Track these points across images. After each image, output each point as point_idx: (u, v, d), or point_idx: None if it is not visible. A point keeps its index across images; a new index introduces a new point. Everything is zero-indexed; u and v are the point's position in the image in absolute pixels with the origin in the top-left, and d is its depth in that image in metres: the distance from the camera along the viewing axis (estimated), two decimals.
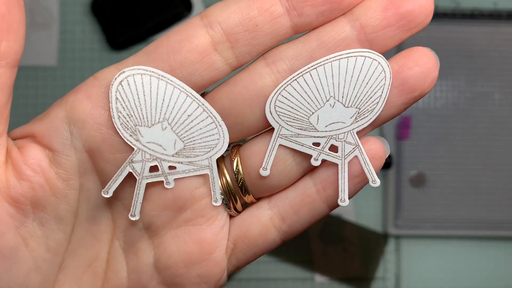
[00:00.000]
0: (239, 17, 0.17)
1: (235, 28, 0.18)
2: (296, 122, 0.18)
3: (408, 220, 0.60)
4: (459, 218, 0.60)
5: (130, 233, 0.20)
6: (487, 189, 0.61)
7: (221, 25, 0.18)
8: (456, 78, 0.61)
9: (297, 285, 0.61)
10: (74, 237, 0.20)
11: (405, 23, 0.18)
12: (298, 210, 0.19)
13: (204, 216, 0.19)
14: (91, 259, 0.20)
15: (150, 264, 0.19)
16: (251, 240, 0.20)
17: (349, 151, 0.19)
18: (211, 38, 0.18)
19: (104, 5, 0.59)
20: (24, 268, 0.19)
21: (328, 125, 0.18)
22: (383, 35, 0.18)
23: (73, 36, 0.61)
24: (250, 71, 0.18)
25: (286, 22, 0.18)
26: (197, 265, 0.19)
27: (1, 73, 0.18)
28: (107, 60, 0.61)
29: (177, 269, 0.19)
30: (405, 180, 0.60)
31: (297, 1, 0.17)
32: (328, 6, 0.17)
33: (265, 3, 0.17)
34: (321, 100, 0.18)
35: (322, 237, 0.61)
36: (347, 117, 0.18)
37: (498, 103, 0.61)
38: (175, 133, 0.19)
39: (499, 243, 0.62)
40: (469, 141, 0.61)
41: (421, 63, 0.19)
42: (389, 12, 0.18)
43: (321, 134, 0.18)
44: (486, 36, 0.61)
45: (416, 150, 0.60)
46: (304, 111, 0.18)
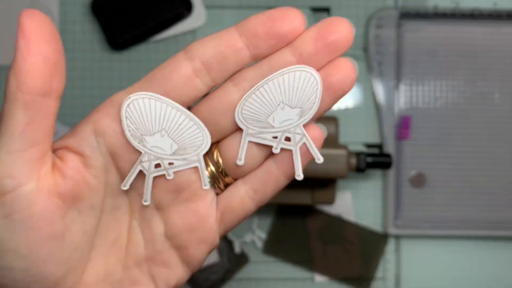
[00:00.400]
0: (212, 51, 0.24)
1: (210, 59, 0.25)
2: (258, 123, 0.25)
3: (408, 220, 0.60)
4: (459, 218, 0.60)
5: (144, 213, 0.27)
6: (487, 189, 0.61)
7: (199, 58, 0.25)
8: (455, 78, 0.61)
9: (297, 285, 0.61)
10: (101, 222, 0.26)
11: (331, 50, 0.24)
12: (265, 183, 0.26)
13: (197, 195, 0.26)
14: (114, 238, 0.27)
15: (162, 234, 0.26)
16: (233, 209, 0.27)
17: (298, 139, 0.26)
18: (193, 68, 0.25)
19: (104, 5, 0.59)
20: (68, 249, 0.25)
21: (281, 122, 0.25)
22: (315, 58, 0.24)
23: (73, 36, 0.61)
24: (222, 89, 0.26)
25: (246, 53, 0.25)
26: (196, 231, 0.26)
27: (52, 104, 0.24)
28: (107, 60, 0.61)
29: (182, 235, 0.26)
30: (405, 180, 0.60)
31: (253, 39, 0.24)
32: (275, 41, 0.24)
33: (230, 40, 0.24)
34: (274, 105, 0.25)
35: (322, 237, 0.61)
36: (294, 115, 0.25)
37: (498, 103, 0.61)
38: (171, 138, 0.26)
39: (499, 243, 0.62)
40: (469, 141, 0.61)
41: (341, 71, 0.24)
42: (319, 43, 0.24)
43: (277, 130, 0.26)
44: (486, 36, 0.61)
45: (416, 150, 0.60)
46: (263, 114, 0.25)
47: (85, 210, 0.25)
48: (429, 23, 0.60)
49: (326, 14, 0.61)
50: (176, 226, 0.26)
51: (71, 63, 0.60)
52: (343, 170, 0.52)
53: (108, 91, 0.61)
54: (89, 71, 0.61)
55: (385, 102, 0.60)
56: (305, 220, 0.61)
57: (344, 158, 0.51)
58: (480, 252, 0.62)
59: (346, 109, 0.61)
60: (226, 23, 0.61)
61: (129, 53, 0.61)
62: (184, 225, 0.26)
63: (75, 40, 0.61)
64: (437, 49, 0.61)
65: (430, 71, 0.61)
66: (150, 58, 0.61)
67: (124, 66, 0.61)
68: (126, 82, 0.61)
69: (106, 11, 0.59)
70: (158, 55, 0.61)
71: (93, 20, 0.61)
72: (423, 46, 0.61)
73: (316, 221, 0.61)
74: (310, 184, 0.54)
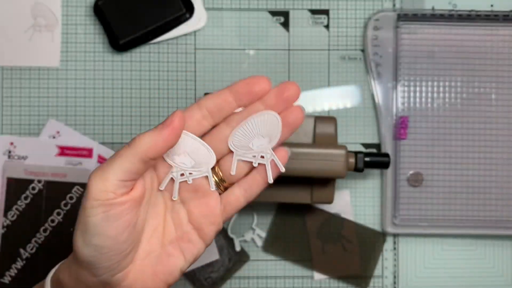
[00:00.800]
0: (213, 103, 0.38)
1: (212, 109, 0.38)
2: (243, 147, 0.39)
3: (405, 219, 0.61)
4: (456, 217, 0.61)
5: (173, 207, 0.39)
6: (483, 189, 0.61)
7: (206, 108, 0.38)
8: (453, 79, 0.61)
9: (296, 283, 0.62)
10: (148, 213, 0.38)
11: (285, 100, 0.38)
12: (251, 186, 0.39)
13: (208, 194, 0.39)
14: (155, 225, 0.38)
15: (186, 220, 0.39)
16: (231, 203, 0.39)
17: (269, 157, 0.38)
18: (202, 114, 0.38)
19: (107, 7, 0.60)
20: (136, 232, 0.37)
21: (257, 146, 0.38)
22: (276, 107, 0.38)
23: (76, 38, 0.61)
24: (219, 128, 0.39)
25: (234, 105, 0.38)
26: (208, 217, 0.38)
27: (155, 163, 0.38)
28: (109, 62, 0.61)
29: (199, 220, 0.39)
30: (403, 180, 0.61)
31: (238, 96, 0.38)
32: (252, 96, 0.38)
33: (224, 97, 0.38)
34: (252, 136, 0.38)
35: (321, 236, 0.62)
36: (265, 142, 0.38)
37: (495, 103, 0.61)
38: (190, 157, 0.39)
39: (495, 242, 0.63)
40: (466, 141, 0.61)
41: (294, 114, 0.38)
42: (278, 98, 0.38)
43: (255, 152, 0.39)
44: (482, 37, 0.62)
45: (413, 150, 0.61)
46: (245, 142, 0.38)
47: (143, 206, 0.37)
48: (426, 24, 0.61)
49: (325, 16, 0.62)
50: (195, 214, 0.38)
51: (74, 64, 0.61)
52: (342, 170, 0.52)
53: (110, 92, 0.61)
54: (91, 73, 0.61)
55: (383, 102, 0.61)
56: (304, 218, 0.61)
57: (342, 158, 0.52)
58: (476, 250, 0.63)
59: (345, 109, 0.62)
60: (226, 25, 0.62)
61: (131, 55, 0.61)
62: (200, 213, 0.38)
63: (78, 42, 0.61)
64: (435, 50, 0.61)
65: (428, 72, 0.61)
66: (152, 60, 0.61)
67: (126, 67, 0.61)
68: (128, 83, 0.61)
69: (108, 13, 0.60)
70: (159, 56, 0.61)
71: (95, 23, 0.61)
72: (421, 47, 0.61)
73: (315, 220, 0.61)
74: (309, 183, 0.55)
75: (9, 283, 0.60)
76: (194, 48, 0.62)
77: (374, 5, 0.62)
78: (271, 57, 0.62)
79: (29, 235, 0.60)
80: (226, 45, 0.62)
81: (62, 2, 0.61)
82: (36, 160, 0.60)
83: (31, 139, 0.61)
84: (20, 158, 0.60)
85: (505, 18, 0.61)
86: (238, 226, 0.62)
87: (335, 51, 0.62)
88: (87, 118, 0.61)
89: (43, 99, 0.61)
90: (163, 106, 0.61)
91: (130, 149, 0.35)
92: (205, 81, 0.62)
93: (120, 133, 0.61)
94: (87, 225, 0.35)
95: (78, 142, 0.61)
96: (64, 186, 0.60)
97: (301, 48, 0.62)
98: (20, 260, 0.60)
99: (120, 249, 0.36)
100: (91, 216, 0.34)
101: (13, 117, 0.61)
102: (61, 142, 0.61)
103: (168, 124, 0.35)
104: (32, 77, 0.61)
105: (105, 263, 0.35)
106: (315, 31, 0.62)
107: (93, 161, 0.60)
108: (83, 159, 0.60)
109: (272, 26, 0.62)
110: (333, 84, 0.62)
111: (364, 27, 0.62)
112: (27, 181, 0.60)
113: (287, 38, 0.62)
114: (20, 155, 0.60)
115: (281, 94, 0.37)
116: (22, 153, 0.60)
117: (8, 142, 0.60)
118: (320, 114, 0.62)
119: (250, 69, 0.62)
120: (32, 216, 0.60)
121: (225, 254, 0.61)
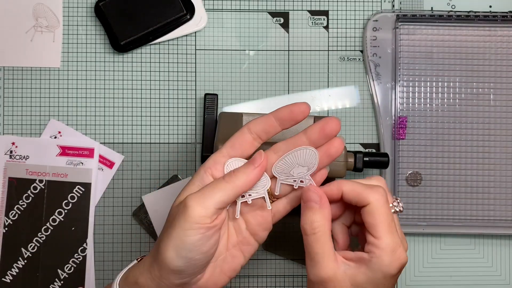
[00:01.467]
0: (261, 128, 0.43)
1: (261, 132, 0.43)
2: (285, 174, 0.44)
3: (404, 218, 0.61)
4: (454, 216, 0.61)
5: (235, 219, 0.45)
6: (481, 188, 0.61)
7: (255, 131, 0.43)
8: (451, 80, 0.62)
9: (296, 282, 0.62)
10: (222, 229, 0.44)
11: (327, 135, 0.42)
12: (296, 196, 0.45)
13: (263, 207, 0.44)
14: (222, 233, 0.44)
15: (244, 228, 0.45)
16: (280, 211, 0.45)
17: (307, 182, 0.43)
18: (252, 136, 0.44)
19: (107, 8, 0.60)
20: (217, 246, 0.44)
21: (298, 173, 0.43)
22: (318, 140, 0.42)
23: (77, 39, 0.62)
24: (268, 154, 0.43)
25: (279, 128, 0.43)
26: (262, 225, 0.45)
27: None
28: (110, 62, 0.62)
29: (255, 227, 0.45)
30: (402, 179, 0.61)
31: (282, 121, 0.43)
32: (294, 122, 0.43)
33: (270, 121, 0.43)
34: (293, 165, 0.43)
35: None
36: (304, 170, 0.43)
37: (493, 104, 0.62)
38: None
39: (493, 241, 0.63)
40: (464, 141, 0.62)
41: (335, 146, 0.43)
42: (321, 133, 0.42)
43: (296, 177, 0.43)
44: (481, 38, 0.62)
45: (412, 150, 0.61)
46: (288, 169, 0.43)
47: (222, 227, 0.43)
48: (425, 25, 0.61)
49: (324, 17, 0.63)
50: (252, 223, 0.45)
51: (75, 65, 0.61)
52: (341, 170, 0.53)
53: (111, 92, 0.62)
54: (92, 74, 0.62)
55: (382, 103, 0.61)
56: None
57: (342, 158, 0.52)
58: (475, 249, 0.63)
59: (344, 109, 0.62)
60: (226, 26, 0.62)
61: (131, 56, 0.62)
62: (256, 222, 0.45)
63: (79, 43, 0.62)
64: (433, 51, 0.62)
65: (426, 73, 0.61)
66: (152, 60, 0.62)
67: (127, 68, 0.62)
68: (128, 84, 0.62)
69: (109, 14, 0.60)
70: (160, 57, 0.62)
71: (96, 23, 0.62)
72: (420, 48, 0.62)
73: None
74: None
75: (10, 282, 0.60)
76: (195, 48, 0.62)
77: (373, 6, 0.63)
78: (271, 57, 0.62)
79: (31, 235, 0.60)
80: (226, 45, 0.62)
81: (63, 3, 0.61)
82: (38, 160, 0.60)
83: (32, 139, 0.61)
84: (22, 158, 0.60)
85: (504, 19, 0.61)
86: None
87: (335, 51, 0.63)
88: (88, 119, 0.62)
89: (44, 100, 0.61)
90: (164, 107, 0.62)
91: (228, 184, 0.42)
92: (205, 81, 0.62)
93: (121, 133, 0.62)
94: (185, 243, 0.41)
95: (80, 142, 0.61)
96: (65, 186, 0.60)
97: (301, 48, 0.62)
98: (21, 259, 0.60)
99: (207, 260, 0.43)
100: (190, 236, 0.40)
101: (15, 118, 0.61)
102: (62, 142, 0.61)
103: (258, 163, 0.42)
104: (33, 78, 0.61)
105: (192, 270, 0.42)
106: (315, 32, 0.63)
107: (94, 161, 0.61)
108: (84, 159, 0.61)
109: (272, 27, 0.62)
110: (333, 85, 0.63)
111: (363, 28, 0.62)
112: (28, 181, 0.60)
113: (287, 38, 0.62)
114: (22, 155, 0.61)
115: (323, 130, 0.42)
116: (23, 153, 0.61)
117: (10, 142, 0.61)
118: (319, 114, 0.62)
119: (250, 70, 0.62)
120: (34, 216, 0.60)
121: None
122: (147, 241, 0.62)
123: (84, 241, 0.60)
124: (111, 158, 0.61)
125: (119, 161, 0.62)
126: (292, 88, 0.62)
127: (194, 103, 0.62)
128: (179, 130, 0.62)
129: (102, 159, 0.61)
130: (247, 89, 0.62)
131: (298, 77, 0.62)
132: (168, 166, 0.62)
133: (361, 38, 0.62)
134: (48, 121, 0.61)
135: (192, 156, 0.62)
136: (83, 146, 0.61)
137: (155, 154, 0.62)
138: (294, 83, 0.62)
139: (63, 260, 0.60)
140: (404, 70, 0.61)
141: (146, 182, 0.62)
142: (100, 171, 0.61)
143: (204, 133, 0.60)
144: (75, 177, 0.60)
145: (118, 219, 0.62)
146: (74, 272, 0.60)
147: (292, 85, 0.62)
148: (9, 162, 0.60)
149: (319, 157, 0.42)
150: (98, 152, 0.61)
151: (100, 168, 0.61)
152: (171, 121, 0.62)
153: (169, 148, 0.62)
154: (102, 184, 0.61)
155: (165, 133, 0.62)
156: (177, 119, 0.62)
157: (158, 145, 0.62)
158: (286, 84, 0.62)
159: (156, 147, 0.62)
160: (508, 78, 0.62)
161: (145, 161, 0.62)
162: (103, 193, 0.61)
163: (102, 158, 0.61)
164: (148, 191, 0.62)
